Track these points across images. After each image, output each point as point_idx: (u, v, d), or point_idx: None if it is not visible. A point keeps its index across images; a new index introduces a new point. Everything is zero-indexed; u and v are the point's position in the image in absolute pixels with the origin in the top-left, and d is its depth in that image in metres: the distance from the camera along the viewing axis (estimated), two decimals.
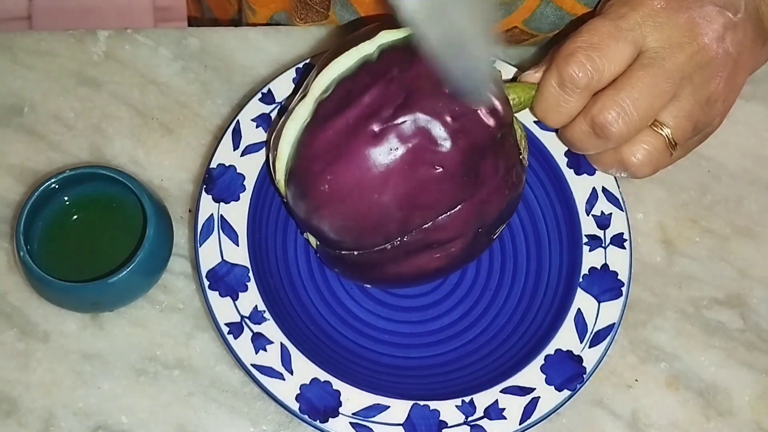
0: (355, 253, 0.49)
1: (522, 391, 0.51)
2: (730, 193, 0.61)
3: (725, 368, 0.57)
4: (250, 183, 0.54)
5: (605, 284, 0.54)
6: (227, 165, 0.54)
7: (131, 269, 0.50)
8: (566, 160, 0.56)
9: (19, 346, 0.53)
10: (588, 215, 0.55)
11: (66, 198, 0.53)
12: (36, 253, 0.51)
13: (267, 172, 0.54)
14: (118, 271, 0.50)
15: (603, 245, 0.55)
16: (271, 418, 0.53)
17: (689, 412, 0.55)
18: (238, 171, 0.54)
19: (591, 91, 0.50)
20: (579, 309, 0.53)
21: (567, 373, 0.52)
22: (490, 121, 0.47)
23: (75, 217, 0.54)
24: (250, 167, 0.54)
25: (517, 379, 0.51)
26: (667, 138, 0.51)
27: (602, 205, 0.56)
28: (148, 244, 0.51)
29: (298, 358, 0.51)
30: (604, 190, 0.56)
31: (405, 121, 0.46)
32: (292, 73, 0.56)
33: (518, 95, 0.52)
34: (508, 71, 0.58)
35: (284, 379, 0.50)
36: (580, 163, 0.56)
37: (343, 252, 0.50)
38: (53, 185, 0.52)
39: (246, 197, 0.54)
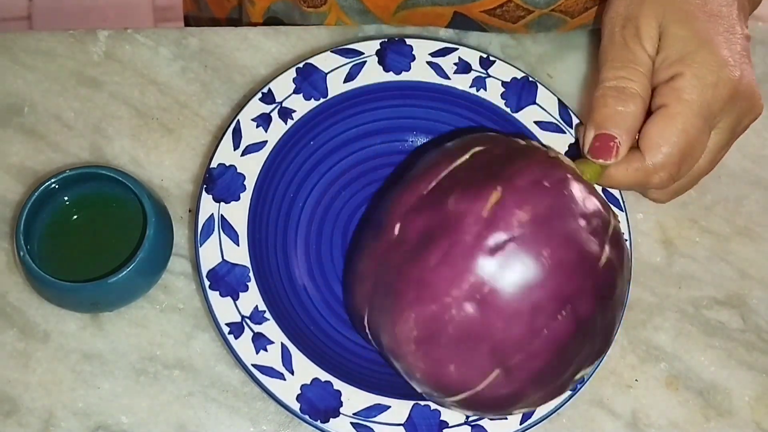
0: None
1: None
2: (730, 193, 0.61)
3: (725, 368, 0.57)
4: (250, 183, 0.54)
5: None
6: (227, 165, 0.54)
7: (131, 269, 0.50)
8: None
9: (19, 346, 0.53)
10: None
11: (66, 198, 0.53)
12: (36, 253, 0.51)
13: (267, 174, 0.54)
14: (118, 271, 0.50)
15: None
16: (271, 418, 0.53)
17: (689, 412, 0.55)
18: (238, 171, 0.54)
19: None
20: None
21: None
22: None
23: (75, 217, 0.54)
24: (250, 167, 0.54)
25: None
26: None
27: None
28: (148, 244, 0.51)
29: (298, 358, 0.51)
30: (604, 190, 0.56)
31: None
32: (292, 73, 0.56)
33: (587, 174, 0.50)
34: (509, 73, 0.57)
35: (285, 380, 0.50)
36: None
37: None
38: (53, 185, 0.52)
39: (246, 197, 0.54)
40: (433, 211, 0.45)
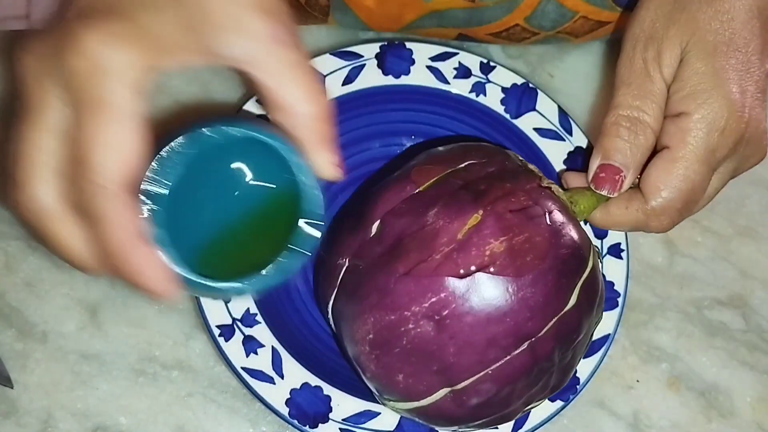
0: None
1: None
2: (732, 193, 0.61)
3: (727, 369, 0.57)
4: None
5: None
6: None
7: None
8: (564, 168, 0.56)
9: (18, 347, 0.53)
10: (585, 224, 0.55)
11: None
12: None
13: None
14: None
15: (600, 255, 0.54)
16: (270, 419, 0.53)
17: (691, 413, 0.55)
18: None
19: None
20: None
21: None
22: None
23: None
24: None
25: None
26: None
27: None
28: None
29: (289, 362, 0.50)
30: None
31: None
32: None
33: (581, 206, 0.49)
34: (509, 79, 0.57)
35: (275, 383, 0.50)
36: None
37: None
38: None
39: None
40: (412, 218, 0.45)
